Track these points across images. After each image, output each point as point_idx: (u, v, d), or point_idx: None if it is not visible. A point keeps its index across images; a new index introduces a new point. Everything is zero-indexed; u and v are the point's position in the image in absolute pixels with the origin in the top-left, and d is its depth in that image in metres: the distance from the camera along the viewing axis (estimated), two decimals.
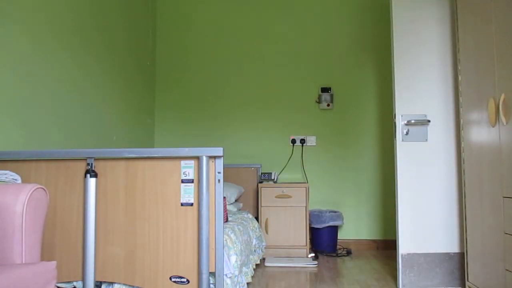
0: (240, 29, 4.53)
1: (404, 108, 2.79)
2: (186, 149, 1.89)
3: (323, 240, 3.93)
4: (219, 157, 1.90)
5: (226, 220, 2.92)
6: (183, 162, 1.92)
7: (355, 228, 4.26)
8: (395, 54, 2.81)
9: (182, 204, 1.91)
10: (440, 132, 2.79)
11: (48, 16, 2.64)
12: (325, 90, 4.34)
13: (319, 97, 4.34)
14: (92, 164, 1.94)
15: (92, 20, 3.22)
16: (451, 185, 2.77)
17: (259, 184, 3.88)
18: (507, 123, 2.06)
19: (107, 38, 3.47)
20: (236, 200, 4.05)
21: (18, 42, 2.36)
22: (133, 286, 1.92)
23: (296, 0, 4.51)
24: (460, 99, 2.63)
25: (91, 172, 1.93)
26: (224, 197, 2.60)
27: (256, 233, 3.33)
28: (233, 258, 2.29)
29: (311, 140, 4.34)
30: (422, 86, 2.80)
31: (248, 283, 2.70)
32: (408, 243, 2.73)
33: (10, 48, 2.30)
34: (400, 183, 2.76)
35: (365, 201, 4.28)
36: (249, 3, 4.55)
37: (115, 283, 1.94)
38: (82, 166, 1.97)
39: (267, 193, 3.85)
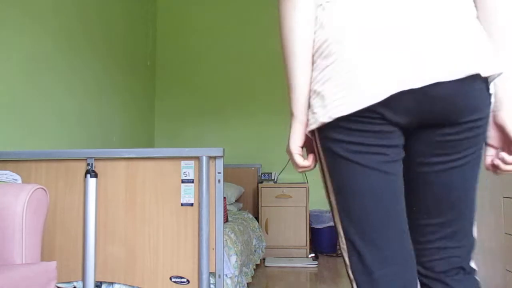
0: (241, 29, 4.53)
1: None
2: (186, 149, 1.90)
3: (323, 240, 3.93)
4: (219, 157, 1.90)
5: (226, 220, 2.92)
6: (183, 162, 1.92)
7: None
8: None
9: (182, 204, 1.91)
10: None
11: (50, 17, 2.64)
12: None
13: None
14: (92, 164, 1.94)
15: (93, 20, 3.22)
16: None
17: (259, 184, 3.88)
18: None
19: (108, 38, 3.47)
20: (236, 200, 4.05)
21: (20, 42, 2.36)
22: (133, 286, 1.92)
23: None
24: None
25: (91, 172, 1.93)
26: (224, 197, 2.60)
27: (256, 233, 3.33)
28: (233, 258, 2.29)
29: None
30: None
31: (248, 283, 2.70)
32: None
33: (12, 49, 2.30)
34: None
35: None
36: (252, 4, 4.55)
37: (115, 283, 1.94)
38: (82, 166, 1.97)
39: (267, 193, 3.85)
